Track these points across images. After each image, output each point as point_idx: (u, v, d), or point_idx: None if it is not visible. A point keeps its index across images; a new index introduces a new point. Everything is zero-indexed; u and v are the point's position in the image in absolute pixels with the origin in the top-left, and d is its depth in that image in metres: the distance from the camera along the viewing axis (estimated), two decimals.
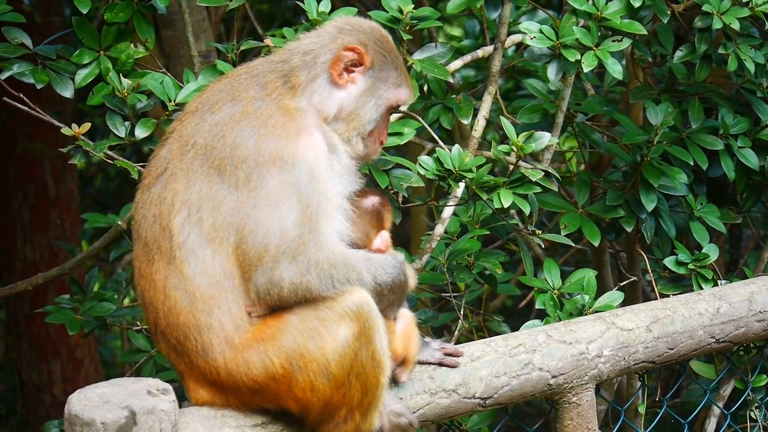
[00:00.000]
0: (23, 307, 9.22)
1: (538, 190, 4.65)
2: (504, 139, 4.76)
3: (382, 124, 4.21)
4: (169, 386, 3.72)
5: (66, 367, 9.33)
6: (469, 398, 4.30)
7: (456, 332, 5.32)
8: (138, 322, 5.61)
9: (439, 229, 5.07)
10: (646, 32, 5.07)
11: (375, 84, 4.15)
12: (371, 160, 4.30)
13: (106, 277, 8.90)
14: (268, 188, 3.88)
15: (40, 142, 9.08)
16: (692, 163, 5.36)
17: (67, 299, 5.52)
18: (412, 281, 4.20)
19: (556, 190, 4.83)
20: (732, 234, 7.57)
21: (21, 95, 4.99)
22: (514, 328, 5.69)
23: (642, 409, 5.59)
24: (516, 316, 8.87)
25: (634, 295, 6.02)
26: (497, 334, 5.35)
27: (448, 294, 5.36)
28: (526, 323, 4.91)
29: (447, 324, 6.69)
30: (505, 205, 4.52)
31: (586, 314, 4.87)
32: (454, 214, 5.21)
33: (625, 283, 5.70)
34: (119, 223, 5.50)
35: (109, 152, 4.85)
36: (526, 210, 4.66)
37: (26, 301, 9.14)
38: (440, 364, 4.30)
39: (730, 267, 7.27)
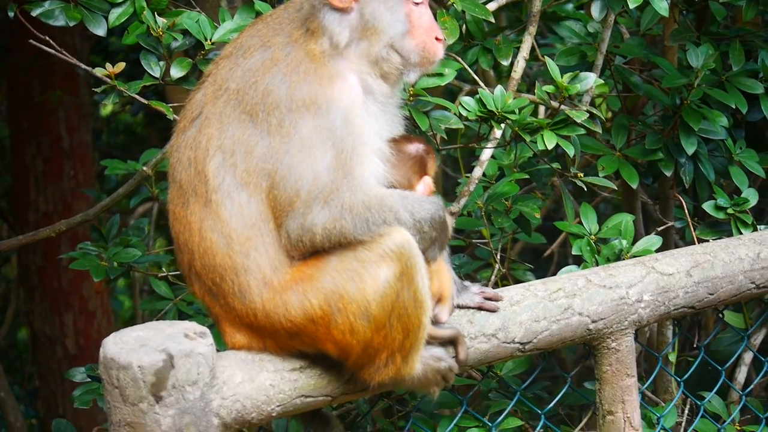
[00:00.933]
0: (36, 259, 9.18)
1: (582, 131, 4.56)
2: (534, 85, 4.67)
3: (422, 21, 4.04)
4: (206, 330, 3.66)
5: (78, 319, 9.30)
6: (508, 343, 4.24)
7: (492, 277, 5.26)
8: (164, 269, 5.53)
9: (478, 172, 4.98)
10: None
11: None
12: (433, 64, 4.09)
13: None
14: (302, 134, 3.82)
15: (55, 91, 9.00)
16: (732, 107, 5.28)
17: (91, 245, 5.43)
18: (450, 226, 4.13)
19: (600, 131, 4.75)
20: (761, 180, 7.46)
21: (47, 38, 4.89)
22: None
23: (673, 358, 5.55)
24: (537, 267, 8.77)
25: (667, 243, 5.94)
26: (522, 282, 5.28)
27: (482, 240, 5.29)
28: (563, 268, 4.84)
29: (470, 274, 6.61)
30: (549, 147, 4.44)
31: (624, 259, 4.80)
32: (492, 157, 5.12)
33: (662, 228, 5.62)
34: (144, 168, 5.42)
35: (137, 96, 4.77)
36: (570, 152, 4.57)
37: (39, 252, 9.11)
38: (480, 308, 4.24)
39: (757, 216, 7.17)
